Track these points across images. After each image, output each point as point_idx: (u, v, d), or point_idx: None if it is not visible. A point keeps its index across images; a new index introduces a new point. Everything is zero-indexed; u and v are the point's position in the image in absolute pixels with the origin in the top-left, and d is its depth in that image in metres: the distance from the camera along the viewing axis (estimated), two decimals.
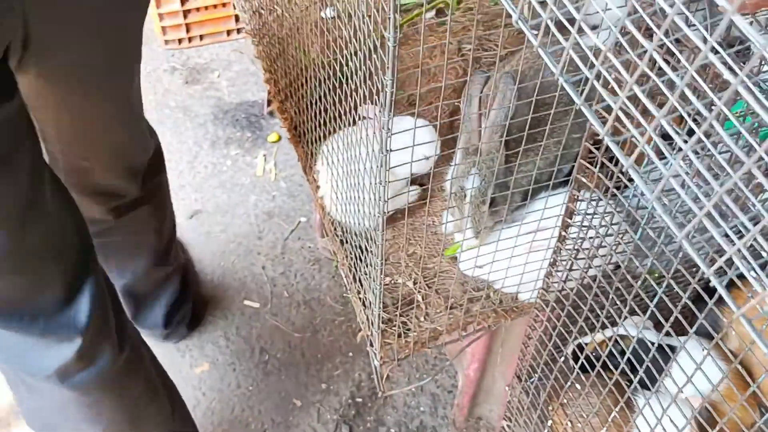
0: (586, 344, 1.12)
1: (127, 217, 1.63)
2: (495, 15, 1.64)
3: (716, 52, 0.53)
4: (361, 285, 1.22)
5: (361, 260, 1.19)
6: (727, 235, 0.51)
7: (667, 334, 0.86)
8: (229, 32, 2.85)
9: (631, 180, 0.82)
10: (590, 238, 0.93)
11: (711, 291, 0.68)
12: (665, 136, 0.54)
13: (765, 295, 0.41)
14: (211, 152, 2.61)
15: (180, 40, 2.83)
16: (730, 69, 0.41)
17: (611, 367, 0.97)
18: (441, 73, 1.49)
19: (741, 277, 0.52)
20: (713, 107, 0.47)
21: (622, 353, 0.94)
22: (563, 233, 0.95)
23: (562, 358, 1.07)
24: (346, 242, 1.27)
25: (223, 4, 2.74)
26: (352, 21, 0.93)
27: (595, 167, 0.84)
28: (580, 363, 1.03)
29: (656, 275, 0.90)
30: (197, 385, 2.07)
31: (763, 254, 0.45)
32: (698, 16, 0.77)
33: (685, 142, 0.50)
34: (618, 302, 0.91)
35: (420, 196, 1.31)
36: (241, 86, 2.79)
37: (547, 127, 0.94)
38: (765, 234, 0.46)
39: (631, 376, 0.97)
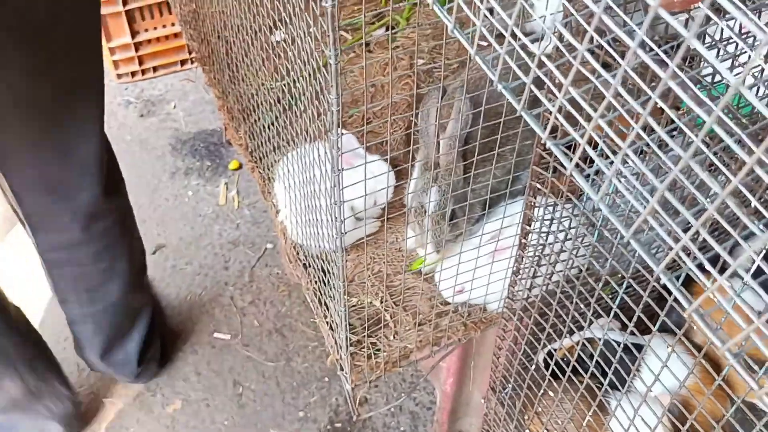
0: (556, 350, 1.11)
1: (93, 230, 1.59)
2: (444, 28, 1.65)
3: (651, 50, 0.53)
4: (328, 308, 1.20)
5: (325, 283, 1.17)
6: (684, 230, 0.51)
7: (633, 333, 0.86)
8: (182, 62, 2.82)
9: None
10: (550, 244, 0.92)
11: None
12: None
13: (714, 287, 0.40)
14: (171, 184, 2.57)
15: (133, 73, 2.79)
16: (662, 63, 0.41)
17: (582, 371, 0.96)
18: (393, 89, 1.49)
19: (701, 268, 0.52)
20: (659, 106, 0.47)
21: (592, 357, 0.94)
22: (523, 241, 0.94)
23: (534, 367, 1.06)
24: (310, 266, 1.25)
25: (175, 35, 2.72)
26: (296, 43, 0.92)
27: (549, 172, 0.84)
28: (551, 370, 1.02)
29: (618, 276, 0.90)
30: (170, 425, 2.01)
31: (715, 247, 0.45)
32: (638, 16, 0.78)
33: (633, 142, 0.50)
34: (583, 306, 0.90)
35: (379, 214, 1.30)
36: (198, 115, 2.76)
37: (499, 135, 0.94)
38: (713, 228, 0.45)
39: (602, 379, 0.97)
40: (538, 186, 0.85)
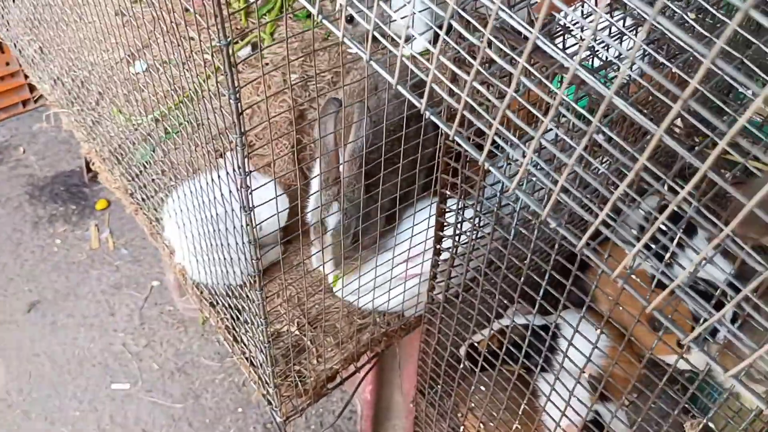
0: (478, 343, 1.14)
1: None
2: (310, 41, 1.63)
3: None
4: (245, 344, 1.16)
5: (237, 319, 1.12)
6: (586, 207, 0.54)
7: (545, 312, 0.89)
8: (24, 103, 2.61)
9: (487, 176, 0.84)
10: (464, 243, 0.94)
11: (572, 259, 0.72)
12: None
13: (679, 281, 0.43)
14: (36, 235, 2.37)
15: None
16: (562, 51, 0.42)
17: (507, 359, 0.99)
18: (272, 109, 1.45)
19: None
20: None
21: (515, 344, 0.97)
22: (438, 246, 0.95)
23: (461, 365, 1.08)
24: (218, 304, 1.20)
25: (12, 74, 2.50)
26: (169, 71, 0.87)
27: (451, 177, 0.85)
28: (480, 365, 1.04)
29: (523, 258, 0.93)
30: None
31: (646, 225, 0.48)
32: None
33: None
34: (498, 295, 0.93)
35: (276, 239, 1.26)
36: (53, 158, 2.57)
37: (402, 148, 0.94)
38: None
39: (528, 363, 1.00)
40: (447, 192, 0.87)
